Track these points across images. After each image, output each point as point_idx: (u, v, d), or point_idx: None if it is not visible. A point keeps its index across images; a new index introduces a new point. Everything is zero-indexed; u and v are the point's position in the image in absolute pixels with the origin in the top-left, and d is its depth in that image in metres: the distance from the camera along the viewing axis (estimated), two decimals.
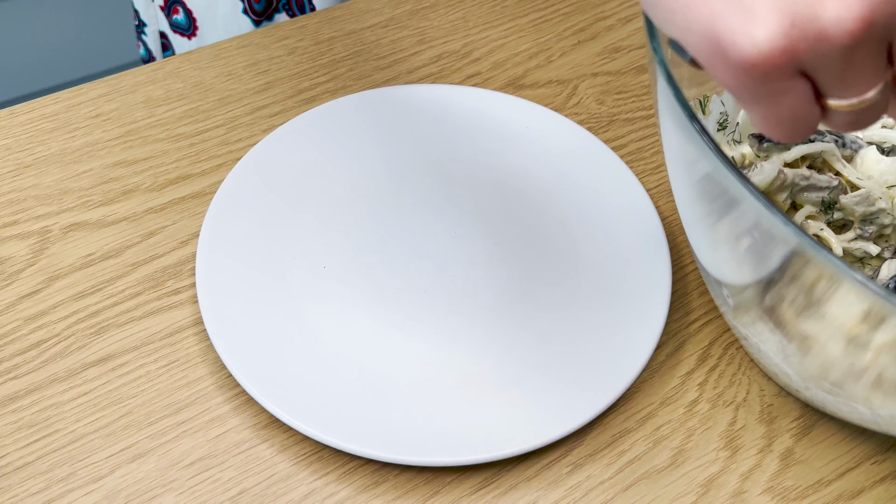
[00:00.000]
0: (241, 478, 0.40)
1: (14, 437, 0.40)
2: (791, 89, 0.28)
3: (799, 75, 0.28)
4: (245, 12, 0.66)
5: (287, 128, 0.50)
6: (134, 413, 0.41)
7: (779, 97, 0.28)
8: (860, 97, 0.29)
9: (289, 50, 0.56)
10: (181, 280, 0.45)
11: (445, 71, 0.56)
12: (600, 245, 0.47)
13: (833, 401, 0.38)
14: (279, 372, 0.41)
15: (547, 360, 0.43)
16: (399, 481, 0.40)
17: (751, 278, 0.37)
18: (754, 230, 0.34)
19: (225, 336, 0.41)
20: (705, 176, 0.35)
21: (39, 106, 0.52)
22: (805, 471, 0.42)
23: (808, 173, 0.44)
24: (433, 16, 0.60)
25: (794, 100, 0.28)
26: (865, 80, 0.28)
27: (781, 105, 0.29)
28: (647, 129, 0.55)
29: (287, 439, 0.41)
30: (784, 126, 0.29)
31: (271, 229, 0.46)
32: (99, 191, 0.49)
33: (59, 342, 0.43)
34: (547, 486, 0.40)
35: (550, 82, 0.56)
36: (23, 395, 0.41)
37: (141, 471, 0.39)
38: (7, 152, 0.50)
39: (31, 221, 0.47)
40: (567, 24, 0.60)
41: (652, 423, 0.43)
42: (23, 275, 0.45)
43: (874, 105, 0.29)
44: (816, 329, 0.36)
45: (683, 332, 0.46)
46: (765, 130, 0.30)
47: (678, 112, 0.33)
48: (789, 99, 0.28)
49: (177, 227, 0.47)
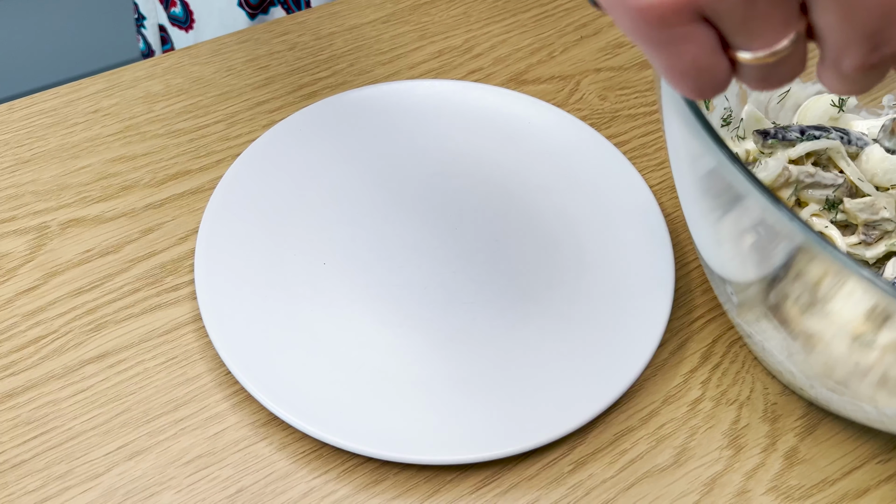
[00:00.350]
0: (239, 476, 0.39)
1: (11, 435, 0.39)
2: (692, 36, 0.26)
3: (700, 21, 0.26)
4: (240, 5, 0.66)
5: (287, 123, 0.50)
6: (132, 410, 0.41)
7: (680, 45, 0.27)
8: (769, 49, 0.26)
9: (289, 45, 0.56)
10: (180, 276, 0.45)
11: (447, 66, 0.56)
12: (603, 242, 0.47)
13: (838, 399, 0.38)
14: (278, 369, 0.40)
15: (548, 358, 0.42)
16: (399, 479, 0.40)
17: (755, 275, 0.37)
18: (759, 226, 0.34)
19: (224, 333, 0.41)
20: (710, 172, 0.34)
21: (38, 101, 0.52)
22: (809, 470, 0.41)
23: (812, 170, 0.43)
24: (434, 11, 0.59)
25: (696, 49, 0.27)
26: (773, 29, 0.26)
27: (683, 54, 0.27)
28: (649, 125, 0.54)
29: (286, 437, 0.40)
30: (688, 79, 0.27)
31: (271, 225, 0.46)
32: (97, 186, 0.48)
33: (56, 339, 0.42)
34: (548, 484, 0.40)
35: (553, 78, 0.56)
36: (20, 391, 0.41)
37: (138, 468, 0.39)
38: (5, 147, 0.49)
39: (29, 217, 0.47)
40: (569, 20, 0.59)
41: (655, 422, 0.42)
42: (20, 271, 0.45)
43: (786, 59, 0.27)
44: (821, 327, 0.35)
45: (686, 329, 0.45)
46: (670, 83, 0.28)
47: (683, 107, 0.32)
48: (691, 48, 0.26)
49: (176, 224, 0.47)
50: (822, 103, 0.47)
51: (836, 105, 0.47)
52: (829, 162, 0.45)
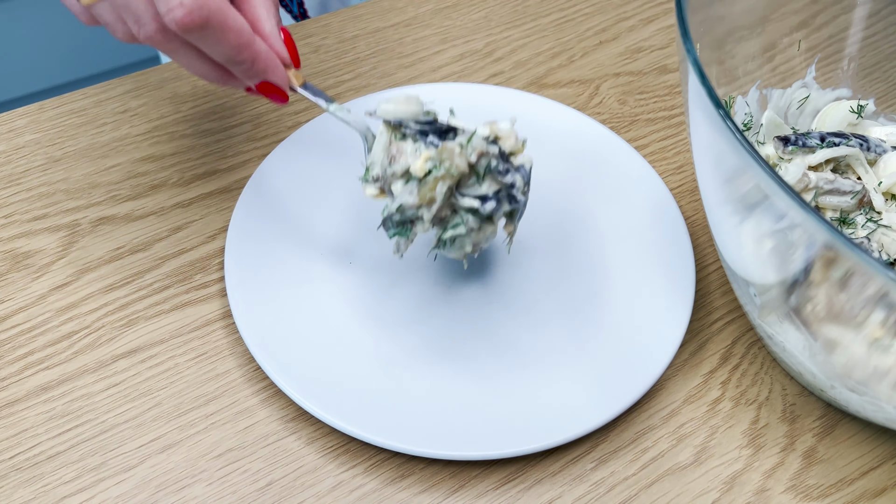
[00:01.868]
0: (269, 469, 0.40)
1: (46, 427, 0.40)
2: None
3: None
4: None
5: (312, 125, 0.50)
6: (163, 404, 0.41)
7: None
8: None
9: (313, 48, 0.57)
10: (209, 274, 0.46)
11: (468, 70, 0.57)
12: (624, 244, 0.48)
13: (858, 399, 0.39)
14: (307, 365, 0.41)
15: (571, 358, 0.43)
16: (425, 474, 0.40)
17: (778, 277, 0.38)
18: (783, 228, 0.35)
19: (253, 329, 0.42)
20: (735, 174, 0.35)
21: (68, 101, 0.53)
22: (828, 469, 0.42)
23: (832, 177, 0.44)
24: (456, 15, 0.60)
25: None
26: None
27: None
28: (669, 129, 0.55)
29: (314, 432, 0.41)
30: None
31: (298, 225, 0.47)
32: (127, 185, 0.49)
33: (89, 334, 0.43)
34: (571, 481, 0.41)
35: (572, 82, 0.57)
36: (54, 385, 0.42)
37: (171, 461, 0.40)
38: (37, 146, 0.50)
39: (61, 215, 0.48)
40: (589, 25, 0.60)
41: (675, 421, 0.43)
42: (53, 267, 0.45)
43: (102, 10, 0.36)
44: (840, 331, 0.36)
45: (706, 331, 0.46)
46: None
47: (710, 110, 0.33)
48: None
49: (204, 222, 0.48)
50: (840, 109, 0.48)
51: (855, 111, 0.47)
52: (847, 168, 0.46)
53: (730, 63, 0.46)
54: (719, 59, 0.45)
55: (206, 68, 0.39)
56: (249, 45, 0.38)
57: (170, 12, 0.34)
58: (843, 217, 0.44)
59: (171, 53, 0.38)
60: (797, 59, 0.48)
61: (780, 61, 0.48)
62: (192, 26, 0.35)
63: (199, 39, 0.36)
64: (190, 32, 0.35)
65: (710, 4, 0.43)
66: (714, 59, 0.44)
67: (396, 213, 0.39)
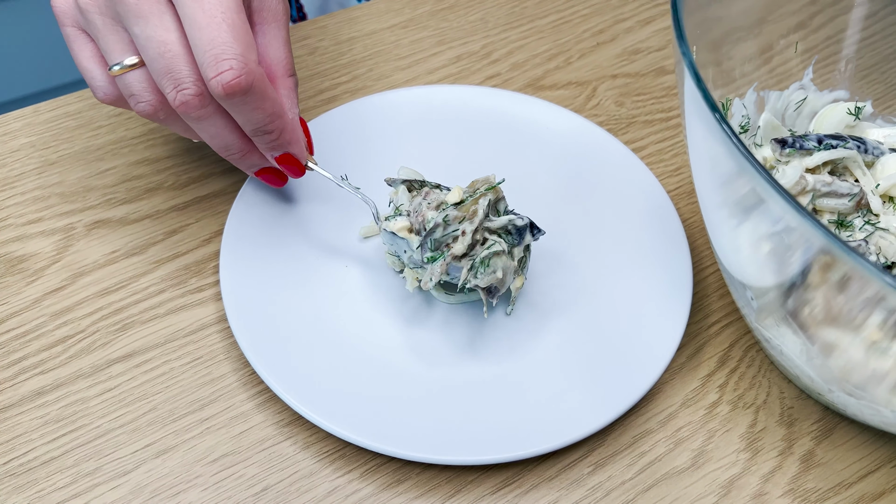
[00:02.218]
0: (264, 474, 0.40)
1: (41, 432, 0.40)
2: (78, 40, 0.40)
3: (84, 32, 0.40)
4: None
5: (309, 127, 0.50)
6: (158, 409, 0.41)
7: (74, 46, 0.40)
8: (117, 62, 0.38)
9: (309, 50, 0.57)
10: (204, 278, 0.46)
11: (465, 72, 0.57)
12: (621, 246, 0.47)
13: (855, 403, 0.38)
14: (302, 369, 0.41)
15: (568, 361, 0.43)
16: (421, 480, 0.40)
17: (775, 281, 0.37)
18: (779, 231, 0.34)
19: (249, 333, 0.41)
20: (731, 177, 0.35)
21: (63, 104, 0.52)
22: (826, 473, 0.42)
23: (829, 179, 0.44)
24: (452, 17, 0.60)
25: (84, 52, 0.40)
26: (114, 49, 0.38)
27: (77, 55, 0.40)
28: (666, 131, 0.55)
29: (310, 437, 0.41)
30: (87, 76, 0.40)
31: (293, 229, 0.47)
32: (122, 188, 0.49)
33: (84, 338, 0.43)
34: (568, 486, 0.41)
35: (570, 84, 0.57)
36: (49, 390, 0.41)
37: (165, 466, 0.40)
38: (32, 149, 0.50)
39: (56, 218, 0.47)
40: (586, 26, 0.60)
41: (673, 425, 0.43)
42: (48, 271, 0.45)
43: (132, 80, 0.39)
44: (838, 334, 0.36)
45: (703, 334, 0.46)
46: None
47: (706, 113, 0.33)
48: (81, 51, 0.40)
49: (199, 226, 0.48)
50: (838, 111, 0.48)
51: (853, 113, 0.47)
52: (845, 170, 0.46)
53: (727, 65, 0.46)
54: (716, 60, 0.45)
55: (231, 138, 0.40)
56: (282, 116, 0.40)
57: (220, 75, 0.36)
58: (840, 220, 0.44)
59: (200, 121, 0.39)
60: (794, 60, 0.48)
61: (778, 63, 0.48)
62: (238, 89, 0.36)
63: (239, 104, 0.37)
64: (233, 96, 0.37)
65: (707, 6, 0.43)
66: (711, 61, 0.44)
67: (440, 228, 0.41)
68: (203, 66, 0.36)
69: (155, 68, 0.37)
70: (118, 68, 0.38)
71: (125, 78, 0.39)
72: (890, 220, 0.44)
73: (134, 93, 0.39)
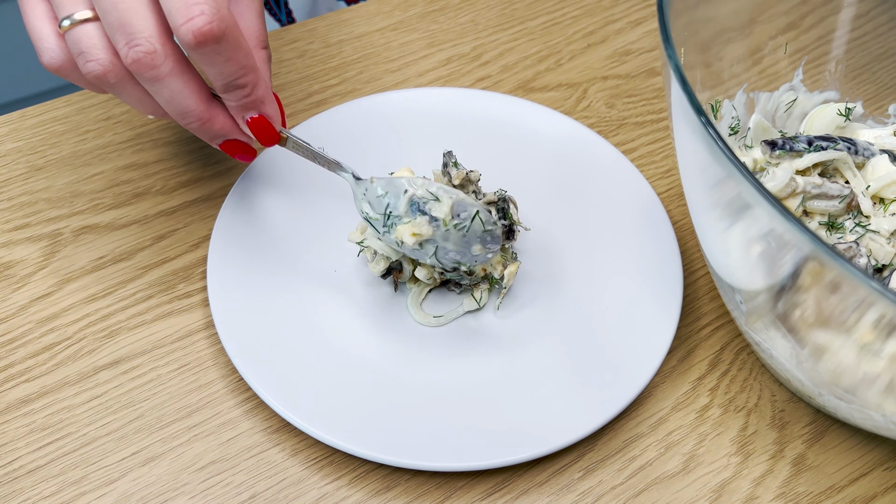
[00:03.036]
0: (252, 482, 0.40)
1: (26, 441, 0.40)
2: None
3: None
4: None
5: (297, 131, 0.50)
6: (145, 416, 0.41)
7: (26, 6, 0.37)
8: (68, 15, 0.35)
9: (298, 53, 0.57)
10: (192, 283, 0.45)
11: (455, 74, 0.56)
12: (611, 249, 0.47)
13: (846, 407, 0.38)
14: (290, 376, 0.41)
15: (557, 365, 0.43)
16: (410, 486, 0.40)
17: (763, 284, 0.37)
18: (768, 236, 0.34)
19: (236, 339, 0.41)
20: (719, 181, 0.34)
21: (50, 108, 0.52)
22: (817, 476, 0.42)
23: (819, 181, 0.44)
24: (443, 19, 0.60)
25: (35, 10, 0.37)
26: (66, 3, 0.35)
27: (28, 15, 0.37)
28: (657, 132, 0.54)
29: (298, 443, 0.41)
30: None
31: (282, 233, 0.46)
32: (110, 193, 0.49)
33: (70, 345, 0.43)
34: (558, 491, 0.40)
35: (560, 85, 0.56)
36: (35, 398, 0.41)
37: (153, 474, 0.39)
38: (18, 154, 0.50)
39: (43, 224, 0.47)
40: (577, 28, 0.60)
41: (663, 429, 0.42)
42: (34, 278, 0.45)
43: (82, 35, 0.35)
44: (829, 336, 0.36)
45: (694, 336, 0.46)
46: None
47: (692, 117, 0.33)
48: (32, 9, 0.37)
49: (187, 231, 0.47)
50: (828, 112, 0.48)
51: (843, 114, 0.47)
52: (835, 172, 0.46)
53: (716, 66, 0.46)
54: (705, 61, 0.45)
55: (190, 102, 0.37)
56: (255, 70, 0.37)
57: (190, 21, 0.33)
58: (831, 222, 0.44)
59: (156, 83, 0.35)
60: (784, 61, 0.48)
61: (768, 64, 0.48)
62: (210, 37, 0.33)
63: (210, 54, 0.34)
64: (205, 44, 0.34)
65: (695, 7, 0.42)
66: (700, 62, 0.44)
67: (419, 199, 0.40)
68: (171, 12, 0.33)
69: (108, 21, 0.34)
70: (68, 23, 0.35)
71: (74, 33, 0.35)
72: (881, 222, 0.43)
73: (83, 50, 0.35)
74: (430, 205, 0.40)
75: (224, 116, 0.39)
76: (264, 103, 0.38)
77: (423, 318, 0.44)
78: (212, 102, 0.38)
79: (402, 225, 0.41)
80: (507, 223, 0.44)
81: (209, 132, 0.39)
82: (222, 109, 0.39)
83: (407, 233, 0.40)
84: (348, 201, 0.48)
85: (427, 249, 0.41)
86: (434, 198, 0.40)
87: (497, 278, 0.44)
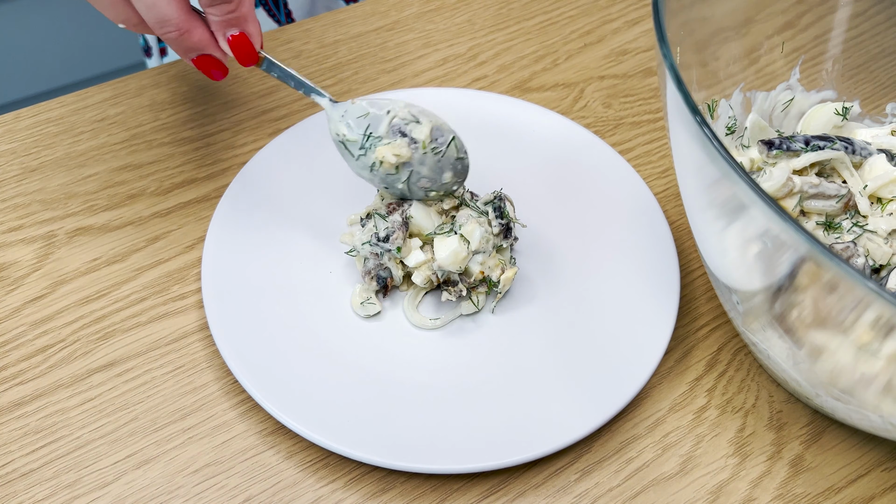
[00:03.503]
0: (247, 485, 0.39)
1: (20, 444, 0.40)
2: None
3: None
4: None
5: (292, 131, 0.50)
6: (140, 419, 0.41)
7: None
8: None
9: (295, 53, 0.56)
10: (187, 285, 0.45)
11: (451, 74, 0.56)
12: (607, 250, 0.47)
13: (843, 408, 0.38)
14: (285, 378, 0.40)
15: (554, 367, 0.43)
16: (406, 488, 0.40)
17: (760, 285, 0.37)
18: (764, 236, 0.34)
19: (231, 341, 0.41)
20: (715, 181, 0.34)
21: (44, 110, 0.52)
22: (815, 478, 0.41)
23: (816, 181, 0.44)
24: (439, 19, 0.59)
25: None
26: None
27: None
28: (653, 132, 0.54)
29: (293, 446, 0.40)
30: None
31: (277, 234, 0.46)
32: (104, 195, 0.48)
33: (64, 347, 0.43)
34: (555, 493, 0.40)
35: (557, 85, 0.56)
36: (28, 400, 0.41)
37: (147, 477, 0.39)
38: (12, 156, 0.50)
39: (37, 226, 0.47)
40: (573, 27, 0.60)
41: (660, 430, 0.42)
42: (28, 279, 0.45)
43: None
44: (826, 337, 0.35)
45: (691, 337, 0.46)
46: None
47: (688, 117, 0.32)
48: None
49: (182, 232, 0.47)
50: (825, 112, 0.47)
51: (840, 114, 0.47)
52: (832, 172, 0.45)
53: (713, 65, 0.45)
54: (702, 61, 0.44)
55: (170, 10, 0.36)
56: None
57: None
58: (828, 221, 0.44)
59: None
60: (781, 61, 0.48)
61: (764, 63, 0.47)
62: None
63: None
64: None
65: (691, 6, 0.42)
66: (696, 62, 0.44)
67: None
68: None
69: None
70: None
71: None
72: (878, 222, 0.43)
73: None
74: (411, 126, 0.40)
75: (203, 30, 0.38)
76: (247, 21, 0.38)
77: (420, 321, 0.44)
78: (192, 13, 0.37)
79: (383, 145, 0.41)
80: (504, 222, 0.43)
81: (185, 44, 0.38)
82: (201, 22, 0.38)
83: (389, 152, 0.40)
84: (344, 203, 0.48)
85: (401, 174, 0.41)
86: (415, 120, 0.40)
87: (494, 282, 0.43)
